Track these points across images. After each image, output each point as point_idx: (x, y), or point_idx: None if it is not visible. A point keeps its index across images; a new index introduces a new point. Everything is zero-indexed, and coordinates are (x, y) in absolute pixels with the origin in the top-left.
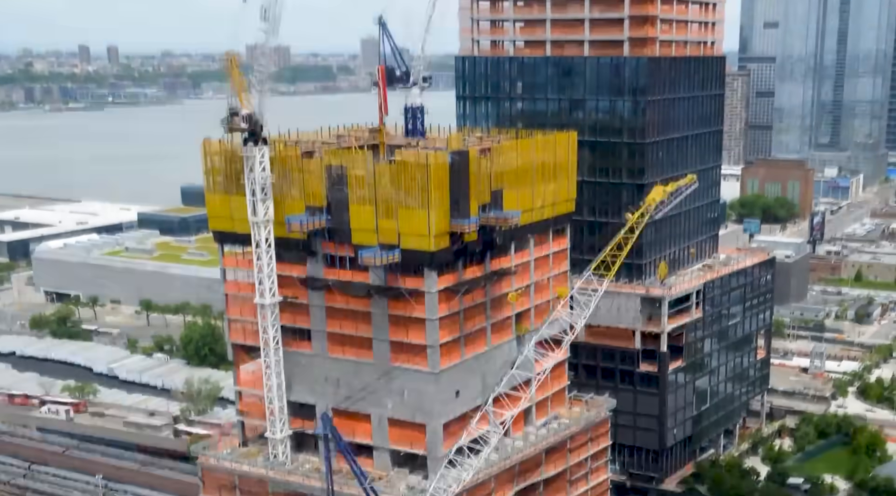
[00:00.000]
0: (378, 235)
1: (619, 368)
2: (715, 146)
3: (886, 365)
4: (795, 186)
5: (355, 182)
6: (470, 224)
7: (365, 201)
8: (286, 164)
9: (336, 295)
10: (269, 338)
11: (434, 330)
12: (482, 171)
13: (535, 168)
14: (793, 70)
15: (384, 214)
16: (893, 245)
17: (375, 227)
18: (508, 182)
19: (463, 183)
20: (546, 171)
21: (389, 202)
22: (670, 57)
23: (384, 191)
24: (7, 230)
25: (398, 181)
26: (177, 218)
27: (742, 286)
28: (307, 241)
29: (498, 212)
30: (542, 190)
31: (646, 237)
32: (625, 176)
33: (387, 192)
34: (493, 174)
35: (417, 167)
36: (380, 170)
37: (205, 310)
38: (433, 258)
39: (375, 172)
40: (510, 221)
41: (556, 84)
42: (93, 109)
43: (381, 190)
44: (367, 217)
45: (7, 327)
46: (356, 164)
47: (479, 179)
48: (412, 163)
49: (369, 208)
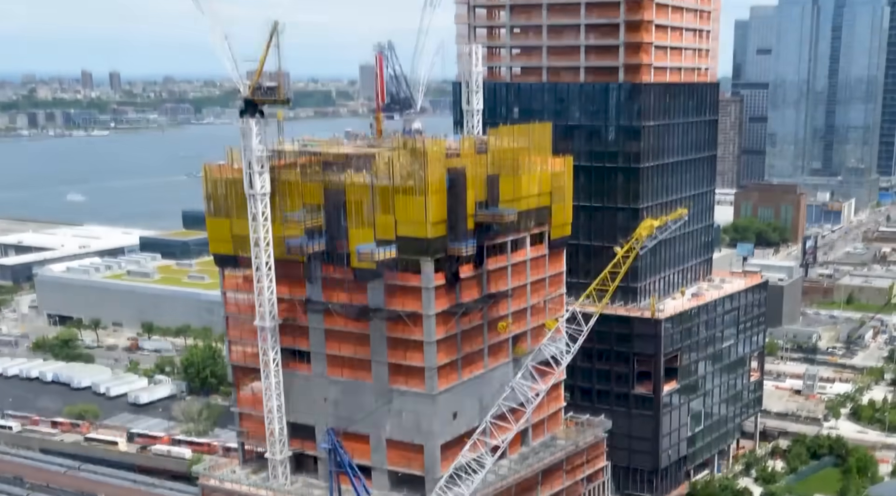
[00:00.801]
0: (375, 232)
1: (615, 390)
2: (709, 171)
3: (878, 387)
4: (788, 210)
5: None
6: (468, 247)
7: (363, 224)
8: (286, 188)
9: (335, 317)
10: (269, 359)
11: (432, 352)
12: (479, 171)
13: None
14: (785, 96)
15: (381, 209)
16: (885, 268)
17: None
18: (504, 168)
19: (460, 203)
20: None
21: (386, 192)
22: (665, 83)
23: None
24: (10, 254)
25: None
26: (178, 241)
27: (736, 309)
28: (307, 265)
29: (494, 209)
30: (536, 178)
31: (641, 260)
32: (620, 200)
33: (384, 181)
34: (489, 164)
35: (416, 152)
36: (381, 155)
37: (206, 333)
38: (429, 246)
39: (376, 161)
40: (506, 218)
41: (552, 110)
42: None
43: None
44: (365, 237)
45: (10, 350)
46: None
47: (475, 181)
48: (410, 147)
49: (368, 230)
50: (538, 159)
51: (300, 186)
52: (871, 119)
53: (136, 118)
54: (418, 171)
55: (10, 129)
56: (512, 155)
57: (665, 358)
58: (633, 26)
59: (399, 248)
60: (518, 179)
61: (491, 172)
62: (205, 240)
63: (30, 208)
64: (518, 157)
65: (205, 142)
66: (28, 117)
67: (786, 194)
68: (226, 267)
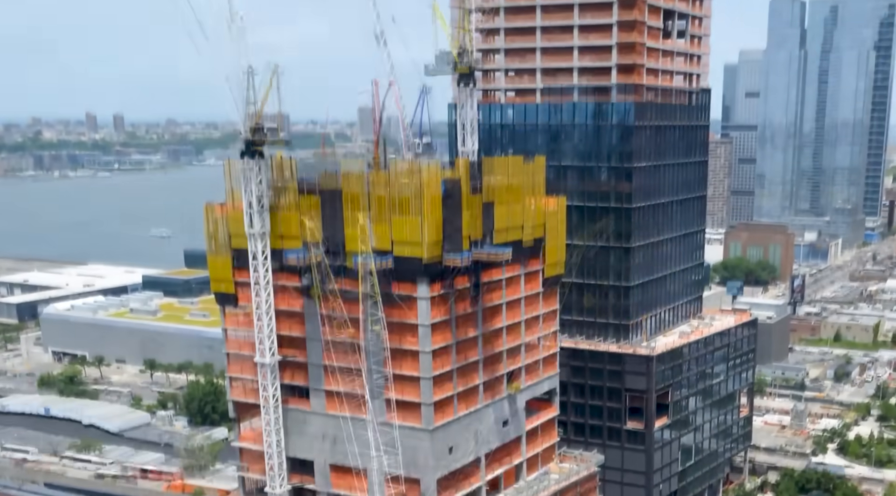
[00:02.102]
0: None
1: (607, 425)
2: (699, 211)
3: (865, 422)
4: (776, 250)
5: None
6: (463, 258)
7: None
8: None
9: (334, 351)
10: (269, 395)
11: (428, 388)
12: (474, 205)
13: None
14: (773, 138)
15: (377, 220)
16: (871, 307)
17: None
18: (499, 199)
19: (456, 215)
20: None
21: (383, 212)
22: (657, 125)
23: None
24: (16, 292)
25: (392, 190)
26: (180, 280)
27: (725, 346)
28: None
29: (490, 247)
30: (530, 210)
31: (633, 298)
32: (612, 240)
33: (381, 204)
34: (485, 192)
35: (411, 174)
36: (374, 178)
37: (207, 369)
38: (426, 268)
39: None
40: (501, 257)
41: (546, 150)
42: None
43: (375, 199)
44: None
45: (16, 386)
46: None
47: (470, 208)
48: (406, 170)
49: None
50: (532, 194)
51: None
52: (857, 161)
53: (140, 159)
54: (415, 188)
55: (17, 170)
56: (507, 183)
57: (656, 394)
58: (626, 26)
59: (395, 268)
60: (512, 209)
61: (486, 201)
62: (206, 278)
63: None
64: (513, 184)
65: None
66: (34, 159)
67: (774, 234)
68: (226, 305)
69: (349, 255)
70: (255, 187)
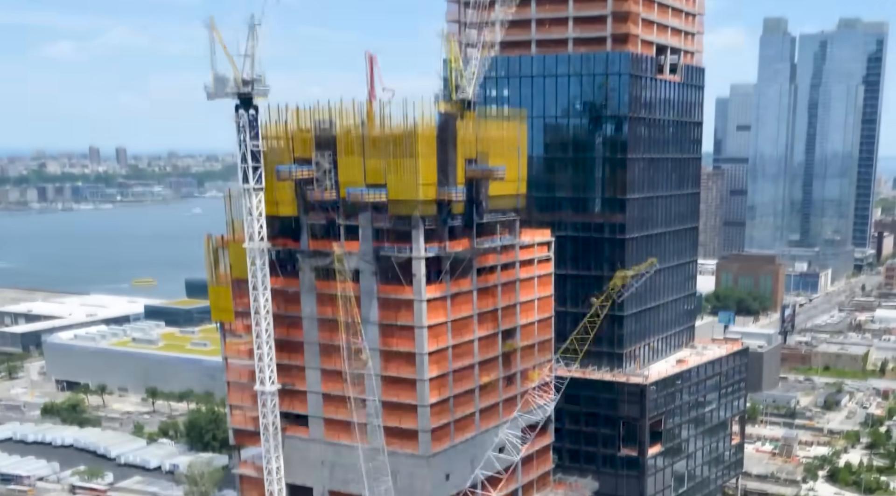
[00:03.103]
0: (365, 175)
1: (601, 452)
2: (691, 241)
3: (854, 450)
4: (767, 280)
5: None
6: (457, 193)
7: (353, 153)
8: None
9: (331, 381)
10: (269, 423)
11: (426, 416)
12: (468, 135)
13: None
14: (764, 170)
15: (373, 169)
16: (860, 336)
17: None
18: (493, 150)
19: (450, 148)
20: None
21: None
22: (650, 157)
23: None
24: (20, 322)
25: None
26: (181, 309)
27: (717, 374)
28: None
29: (484, 166)
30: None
31: (626, 327)
32: (606, 270)
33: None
34: (479, 140)
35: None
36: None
37: (208, 397)
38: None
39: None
40: (496, 174)
41: (542, 184)
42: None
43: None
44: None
45: (20, 414)
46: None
47: (465, 142)
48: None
49: (358, 159)
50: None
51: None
52: (846, 193)
53: (142, 191)
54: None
55: (21, 202)
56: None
57: (650, 421)
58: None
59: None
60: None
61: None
62: (207, 308)
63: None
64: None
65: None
66: (38, 191)
67: (765, 264)
68: (227, 334)
69: (343, 187)
70: (249, 140)
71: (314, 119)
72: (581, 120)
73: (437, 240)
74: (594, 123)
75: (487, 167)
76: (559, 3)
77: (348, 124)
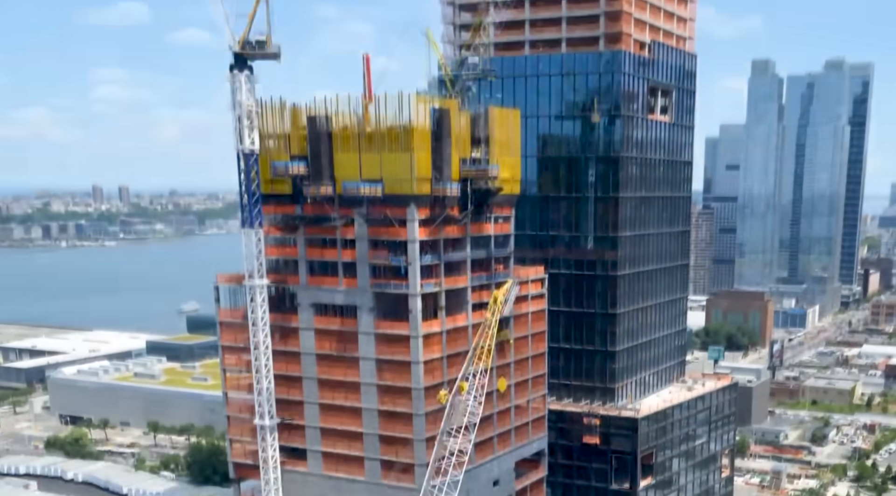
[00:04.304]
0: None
1: (594, 485)
2: (682, 278)
3: (841, 482)
4: (756, 316)
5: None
6: (452, 188)
7: (350, 149)
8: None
9: (331, 415)
10: (268, 457)
11: (422, 450)
12: (462, 129)
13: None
14: (753, 209)
15: (367, 150)
16: (847, 371)
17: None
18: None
19: (444, 144)
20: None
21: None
22: (641, 196)
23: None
24: (25, 357)
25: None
26: (182, 345)
27: (707, 409)
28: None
29: (478, 165)
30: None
31: (618, 362)
32: (598, 307)
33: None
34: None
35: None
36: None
37: (208, 431)
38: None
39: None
40: (490, 172)
41: (535, 221)
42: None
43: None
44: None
45: (24, 448)
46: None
47: (459, 138)
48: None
49: (353, 155)
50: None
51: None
52: (833, 231)
53: (144, 229)
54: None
55: (26, 240)
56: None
57: (641, 455)
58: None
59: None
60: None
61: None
62: (208, 343)
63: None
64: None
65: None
66: (42, 229)
67: (754, 301)
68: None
69: (339, 182)
70: (245, 100)
71: (310, 114)
72: (574, 159)
73: (433, 276)
74: (587, 163)
75: (483, 166)
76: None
77: (344, 120)
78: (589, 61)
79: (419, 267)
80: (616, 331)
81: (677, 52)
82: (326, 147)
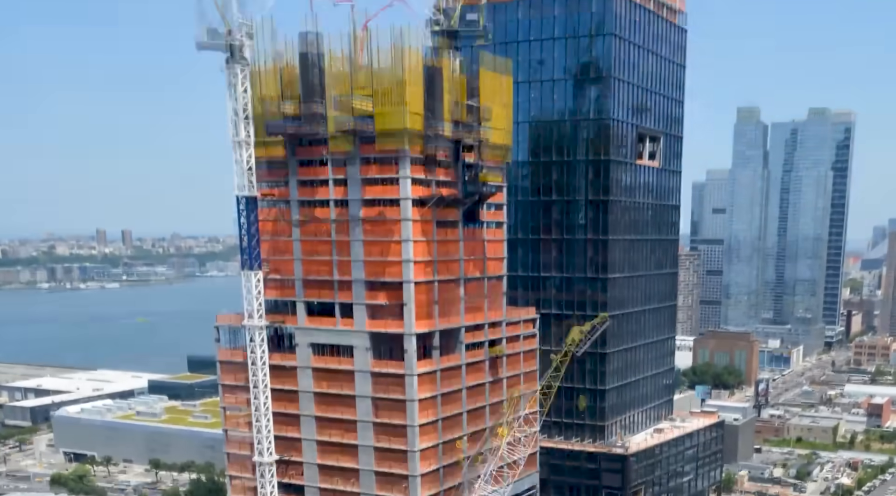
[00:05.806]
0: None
1: None
2: (670, 319)
3: None
4: (742, 356)
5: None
6: (443, 127)
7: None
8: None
9: (328, 452)
10: (268, 493)
11: (416, 485)
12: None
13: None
14: (739, 251)
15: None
16: (830, 410)
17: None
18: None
19: (437, 89)
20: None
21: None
22: (630, 239)
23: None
24: (30, 396)
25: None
26: (183, 384)
27: (695, 446)
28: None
29: (469, 126)
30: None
31: (608, 400)
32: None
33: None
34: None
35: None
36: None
37: (209, 468)
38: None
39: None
40: (484, 135)
41: (527, 263)
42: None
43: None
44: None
45: (29, 486)
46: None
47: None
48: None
49: (346, 85)
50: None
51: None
52: (816, 273)
53: (146, 271)
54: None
55: (32, 282)
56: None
57: (631, 491)
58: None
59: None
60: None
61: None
62: (208, 382)
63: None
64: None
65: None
66: (48, 271)
67: (740, 341)
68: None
69: (331, 121)
70: (240, 94)
71: (301, 51)
72: (565, 203)
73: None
74: (577, 206)
75: (477, 127)
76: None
77: (335, 56)
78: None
79: (414, 307)
80: (605, 371)
81: (665, 99)
82: (318, 81)
